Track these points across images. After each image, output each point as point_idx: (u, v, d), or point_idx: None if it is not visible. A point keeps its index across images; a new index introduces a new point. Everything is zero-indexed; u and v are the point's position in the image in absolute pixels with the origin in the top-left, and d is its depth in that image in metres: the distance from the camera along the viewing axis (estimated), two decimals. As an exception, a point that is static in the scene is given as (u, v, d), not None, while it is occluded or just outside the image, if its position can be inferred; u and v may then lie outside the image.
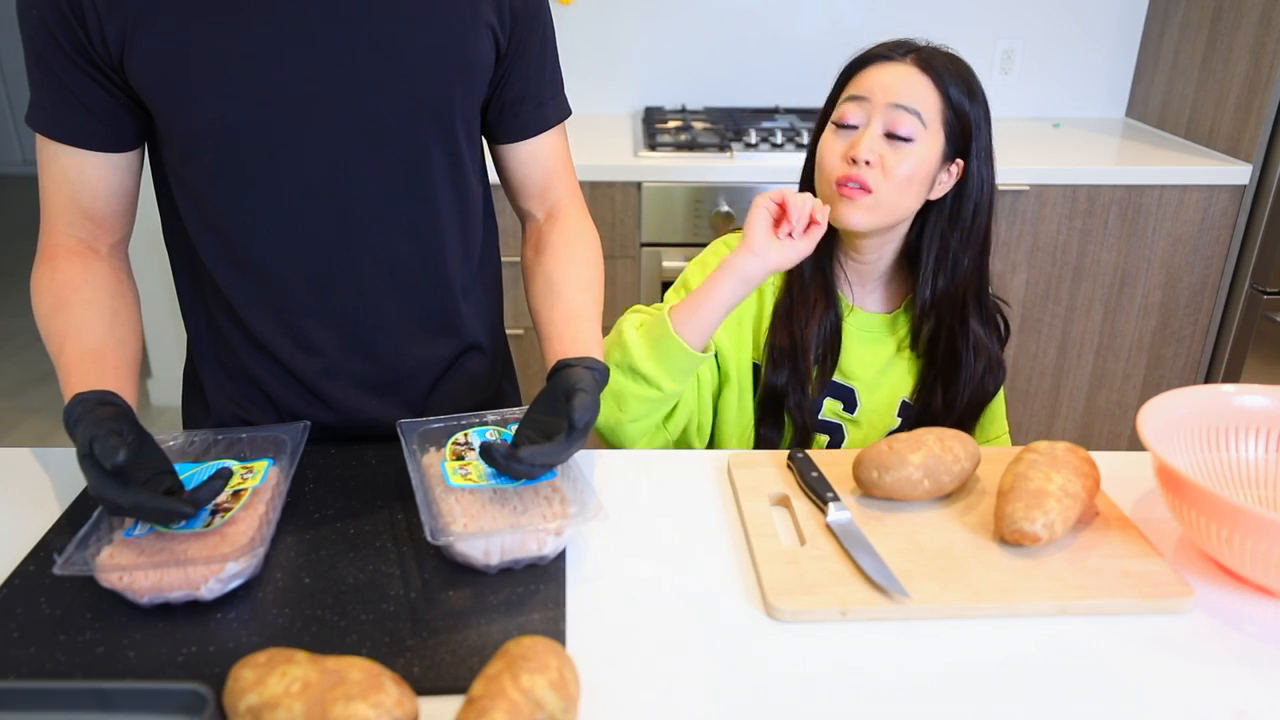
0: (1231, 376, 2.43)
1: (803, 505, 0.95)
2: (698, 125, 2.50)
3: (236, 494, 0.88)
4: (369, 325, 1.05)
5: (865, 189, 1.12)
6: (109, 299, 0.96)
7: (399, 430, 0.97)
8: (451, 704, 0.69)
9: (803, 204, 1.07)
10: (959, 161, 1.15)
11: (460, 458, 0.93)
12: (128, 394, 0.89)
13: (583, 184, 2.20)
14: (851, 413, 1.24)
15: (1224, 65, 2.38)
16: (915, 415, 1.25)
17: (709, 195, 2.25)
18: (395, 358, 1.08)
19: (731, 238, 1.27)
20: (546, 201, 1.14)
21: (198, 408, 1.14)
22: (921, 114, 1.11)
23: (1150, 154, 2.42)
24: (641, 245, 2.29)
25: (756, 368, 1.23)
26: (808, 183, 1.22)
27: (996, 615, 0.82)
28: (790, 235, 1.07)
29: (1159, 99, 2.65)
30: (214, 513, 0.85)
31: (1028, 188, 2.26)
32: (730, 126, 2.47)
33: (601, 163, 2.22)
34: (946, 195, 1.17)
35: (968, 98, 1.14)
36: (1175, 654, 0.78)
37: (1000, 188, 2.26)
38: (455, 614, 0.80)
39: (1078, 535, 0.91)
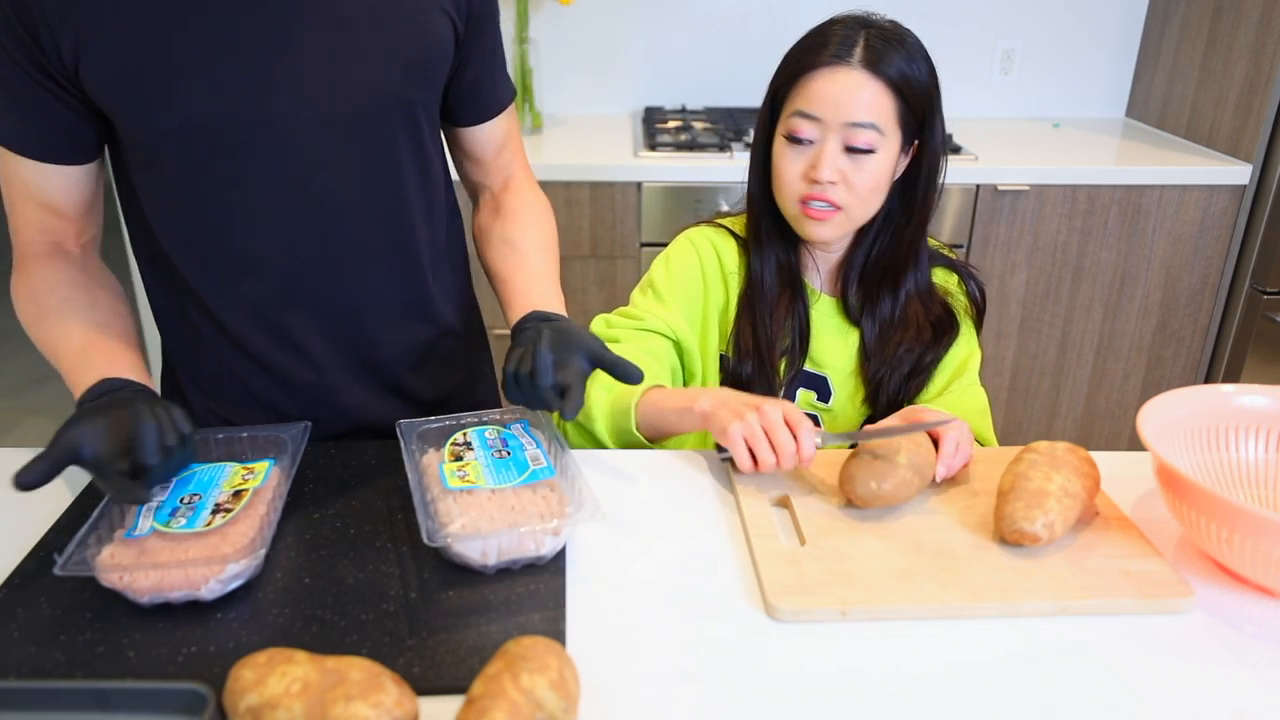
0: (1231, 376, 2.43)
1: (803, 505, 0.95)
2: (698, 125, 2.50)
3: (237, 494, 0.88)
4: (344, 314, 1.06)
5: (834, 207, 1.11)
6: (84, 292, 0.97)
7: (398, 431, 0.97)
8: (451, 704, 0.69)
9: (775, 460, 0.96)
10: (916, 141, 1.14)
11: (459, 458, 0.93)
12: (126, 363, 0.91)
13: (583, 184, 2.22)
14: (826, 402, 1.23)
15: (1224, 65, 2.38)
16: (869, 385, 1.21)
17: (709, 195, 2.25)
18: (371, 344, 1.09)
19: (695, 233, 1.25)
20: (502, 174, 1.18)
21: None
22: (879, 124, 1.08)
23: (1150, 154, 2.42)
24: (641, 245, 2.29)
25: (724, 359, 1.22)
26: (762, 190, 1.19)
27: (996, 615, 0.82)
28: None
29: (1159, 99, 2.65)
30: (215, 512, 0.85)
31: (1028, 188, 2.27)
32: (730, 126, 2.47)
33: (601, 163, 2.22)
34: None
35: (915, 72, 1.09)
36: (1175, 654, 0.78)
37: (1000, 188, 2.26)
38: (455, 614, 0.80)
39: (1078, 535, 0.91)
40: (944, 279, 1.24)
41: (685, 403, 1.03)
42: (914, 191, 1.16)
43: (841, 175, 1.10)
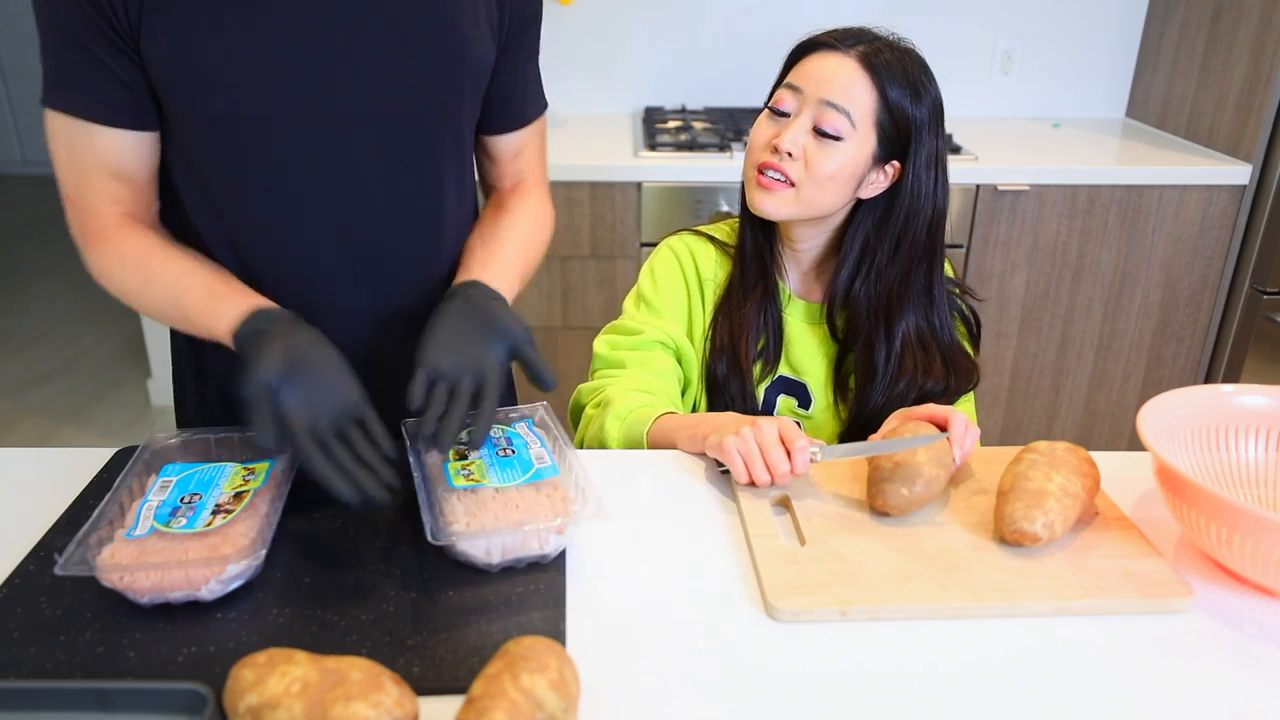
0: (1231, 376, 2.43)
1: (803, 505, 0.95)
2: (698, 125, 2.50)
3: (238, 495, 0.88)
4: (368, 315, 1.05)
5: (787, 182, 1.11)
6: (182, 250, 0.97)
7: (403, 429, 0.97)
8: (451, 704, 0.69)
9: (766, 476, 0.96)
10: (895, 164, 1.13)
11: (463, 457, 0.93)
12: (262, 300, 0.92)
13: (582, 184, 2.22)
14: (806, 409, 1.23)
15: (1224, 65, 2.38)
16: (851, 411, 1.21)
17: (709, 195, 2.25)
18: (392, 348, 1.08)
19: (675, 240, 1.26)
20: (514, 179, 1.17)
21: (191, 407, 1.14)
22: (851, 114, 1.08)
23: (1150, 154, 2.42)
24: (641, 245, 2.29)
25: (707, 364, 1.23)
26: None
27: (996, 615, 0.82)
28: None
29: (1159, 99, 2.65)
30: (215, 513, 0.85)
31: (1028, 188, 2.27)
32: (730, 126, 2.47)
33: (601, 163, 2.22)
34: (879, 196, 1.15)
35: (910, 100, 1.10)
36: (1175, 654, 0.78)
37: (1000, 188, 2.26)
38: (455, 613, 0.80)
39: (1078, 535, 0.91)
40: None
41: (694, 430, 1.05)
42: (890, 224, 1.14)
43: (803, 153, 1.10)
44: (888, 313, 1.16)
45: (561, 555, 0.88)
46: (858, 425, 1.20)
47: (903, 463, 0.93)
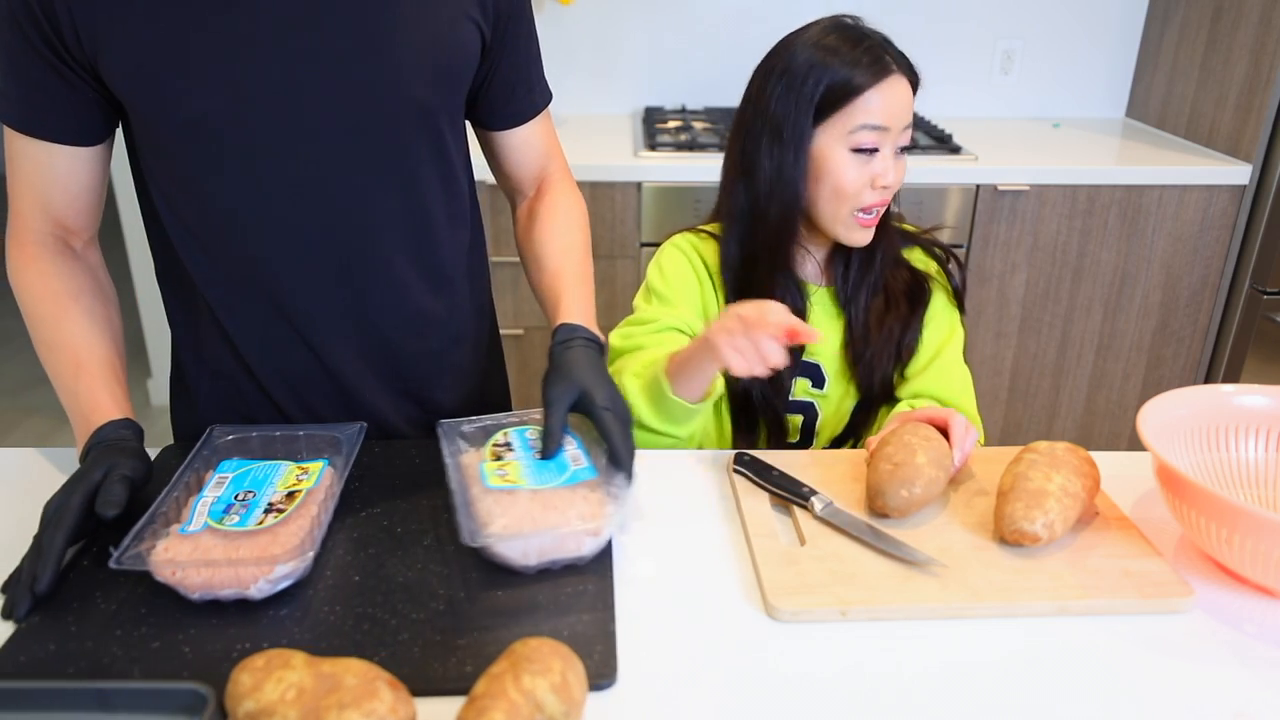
0: (1231, 376, 2.43)
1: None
2: (698, 125, 2.50)
3: (291, 495, 0.88)
4: (356, 320, 1.05)
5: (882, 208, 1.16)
6: (103, 308, 1.00)
7: (438, 431, 0.97)
8: (460, 704, 0.69)
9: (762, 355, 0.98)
10: None
11: (499, 458, 0.93)
12: (120, 393, 0.97)
13: (583, 184, 2.19)
14: (821, 389, 1.24)
15: (1224, 65, 2.38)
16: (859, 367, 1.22)
17: (709, 195, 2.22)
18: (383, 351, 1.08)
19: (679, 239, 1.27)
20: (536, 180, 1.18)
21: (185, 409, 1.14)
22: (913, 122, 1.16)
23: (1150, 154, 2.42)
24: (641, 245, 2.29)
25: None
26: (794, 198, 1.16)
27: (996, 615, 0.82)
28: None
29: (1159, 99, 2.65)
30: (268, 512, 0.85)
31: (1028, 188, 2.27)
32: (730, 127, 2.47)
33: (601, 163, 2.22)
34: None
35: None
36: (1175, 654, 0.78)
37: (1000, 188, 2.26)
38: (505, 613, 0.80)
39: (1078, 535, 0.91)
40: (924, 263, 1.26)
41: (698, 341, 1.03)
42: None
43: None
44: (870, 250, 1.21)
45: (608, 557, 0.87)
46: (866, 388, 1.22)
47: (902, 464, 0.92)
